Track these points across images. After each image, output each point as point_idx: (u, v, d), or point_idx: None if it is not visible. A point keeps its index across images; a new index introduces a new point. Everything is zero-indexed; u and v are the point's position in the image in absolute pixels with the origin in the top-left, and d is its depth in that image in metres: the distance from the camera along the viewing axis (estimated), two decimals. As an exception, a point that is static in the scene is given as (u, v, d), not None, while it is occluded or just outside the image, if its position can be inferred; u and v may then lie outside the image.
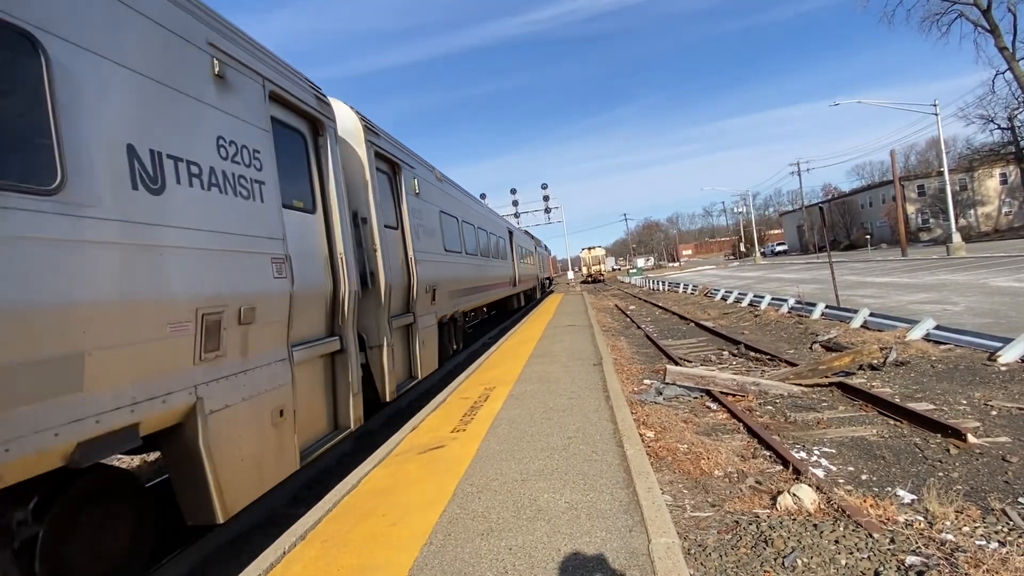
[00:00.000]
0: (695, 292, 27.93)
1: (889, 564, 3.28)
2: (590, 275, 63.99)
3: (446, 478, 4.54)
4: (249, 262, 4.27)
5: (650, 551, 3.08)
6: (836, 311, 13.62)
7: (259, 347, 4.36)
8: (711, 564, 3.44)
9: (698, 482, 4.98)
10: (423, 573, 3.10)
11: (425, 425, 6.35)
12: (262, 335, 4.39)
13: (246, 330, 4.18)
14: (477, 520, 3.71)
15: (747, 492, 4.72)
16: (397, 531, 3.66)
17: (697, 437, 6.09)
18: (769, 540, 3.62)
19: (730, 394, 7.70)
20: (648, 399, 7.84)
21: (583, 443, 5.05)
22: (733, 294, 21.67)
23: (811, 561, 3.37)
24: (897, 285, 19.85)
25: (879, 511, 4.03)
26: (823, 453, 5.57)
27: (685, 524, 4.14)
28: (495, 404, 6.92)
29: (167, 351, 3.43)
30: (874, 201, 64.48)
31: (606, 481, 4.13)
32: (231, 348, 4.01)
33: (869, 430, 6.02)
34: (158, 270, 3.38)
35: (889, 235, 56.44)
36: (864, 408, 6.78)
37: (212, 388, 3.80)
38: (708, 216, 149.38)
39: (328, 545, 3.56)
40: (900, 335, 10.04)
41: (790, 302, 15.99)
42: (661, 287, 36.79)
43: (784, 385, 7.82)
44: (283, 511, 5.17)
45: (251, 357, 4.26)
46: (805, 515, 4.04)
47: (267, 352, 4.47)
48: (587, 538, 3.30)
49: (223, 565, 4.22)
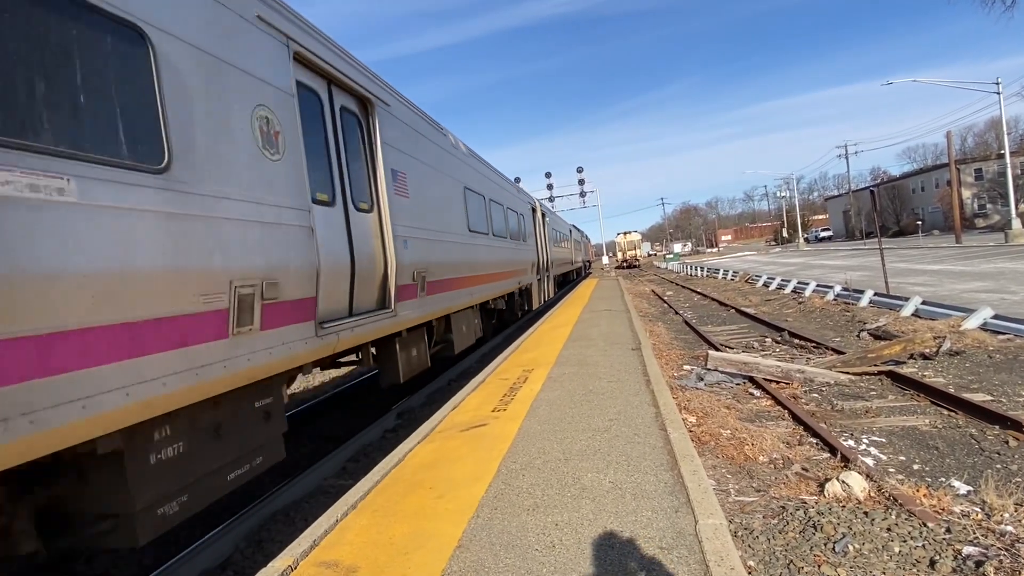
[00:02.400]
0: (735, 278, 27.35)
1: (945, 553, 3.20)
2: (625, 260, 63.29)
3: (489, 455, 4.62)
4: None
5: (697, 531, 3.08)
6: (885, 299, 13.16)
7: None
8: (759, 547, 3.42)
9: (742, 467, 4.94)
10: (473, 544, 3.18)
11: (465, 404, 6.45)
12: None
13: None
14: (522, 496, 3.77)
15: (793, 479, 4.66)
16: (444, 504, 3.75)
17: (740, 423, 6.03)
18: (818, 526, 3.57)
19: (774, 381, 7.56)
20: (689, 384, 7.77)
21: (625, 425, 5.06)
22: (776, 281, 21.15)
23: (863, 547, 3.31)
24: (951, 273, 19.03)
25: (933, 501, 3.92)
26: (872, 442, 5.44)
27: (730, 508, 4.12)
28: (534, 385, 6.97)
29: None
30: (926, 185, 61.60)
31: (650, 463, 4.13)
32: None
33: (921, 420, 5.84)
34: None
35: (942, 221, 53.93)
36: (916, 398, 6.57)
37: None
38: (749, 200, 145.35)
39: (378, 515, 3.69)
40: (955, 324, 9.64)
41: (836, 289, 15.52)
42: (699, 273, 36.16)
43: (830, 373, 7.63)
44: (332, 482, 5.36)
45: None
46: (855, 503, 3.97)
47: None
48: (633, 517, 3.32)
49: (278, 531, 4.41)
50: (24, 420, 2.34)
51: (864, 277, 19.39)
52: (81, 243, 2.64)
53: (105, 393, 2.70)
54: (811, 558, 3.26)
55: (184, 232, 3.24)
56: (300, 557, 3.20)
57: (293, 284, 4.19)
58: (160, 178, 3.12)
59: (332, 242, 5.05)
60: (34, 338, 2.41)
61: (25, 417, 2.35)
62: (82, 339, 2.60)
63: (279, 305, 4.04)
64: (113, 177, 2.85)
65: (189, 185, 3.32)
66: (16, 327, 2.34)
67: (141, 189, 3.00)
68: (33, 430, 2.38)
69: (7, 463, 2.32)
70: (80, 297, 2.60)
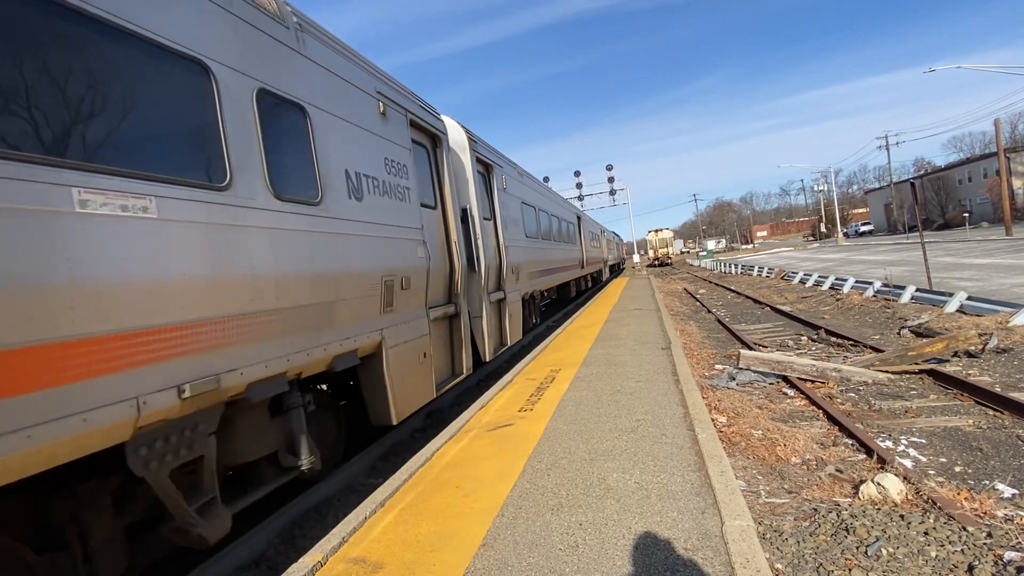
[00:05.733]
0: (771, 275, 26.74)
1: (985, 559, 3.08)
2: (656, 258, 62.50)
3: (515, 455, 4.65)
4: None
5: (724, 533, 3.04)
6: (928, 295, 12.69)
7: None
8: (788, 549, 3.35)
9: (773, 469, 4.84)
10: (497, 542, 3.21)
11: (493, 404, 6.49)
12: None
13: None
14: (547, 495, 3.78)
15: (826, 480, 4.54)
16: (470, 502, 3.80)
17: (772, 423, 5.91)
18: (851, 528, 3.48)
19: (809, 380, 7.38)
20: (720, 384, 7.65)
21: (652, 426, 5.02)
22: (812, 277, 20.60)
23: (897, 552, 3.22)
24: (1000, 267, 18.21)
25: (975, 504, 3.78)
26: (911, 443, 5.26)
27: (760, 510, 4.05)
28: (561, 386, 6.97)
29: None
30: (974, 176, 59.01)
31: (676, 464, 4.10)
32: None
33: (965, 420, 5.63)
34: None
35: (991, 213, 51.57)
36: (959, 397, 6.32)
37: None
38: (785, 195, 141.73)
39: (406, 512, 3.75)
40: (1002, 320, 9.23)
41: (876, 285, 15.02)
42: (733, 270, 35.46)
43: (868, 372, 7.41)
44: (362, 481, 5.46)
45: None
46: (891, 506, 3.85)
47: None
48: (658, 518, 3.30)
49: (311, 528, 4.53)
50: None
51: (906, 272, 18.72)
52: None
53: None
54: (842, 562, 3.18)
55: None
56: (329, 553, 3.28)
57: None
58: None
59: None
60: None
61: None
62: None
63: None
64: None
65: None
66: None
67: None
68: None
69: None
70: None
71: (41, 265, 2.40)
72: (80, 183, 2.61)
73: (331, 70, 4.95)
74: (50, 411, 2.38)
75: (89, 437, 2.55)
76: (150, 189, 2.95)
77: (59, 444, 2.42)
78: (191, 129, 3.43)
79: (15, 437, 2.24)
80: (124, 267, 2.75)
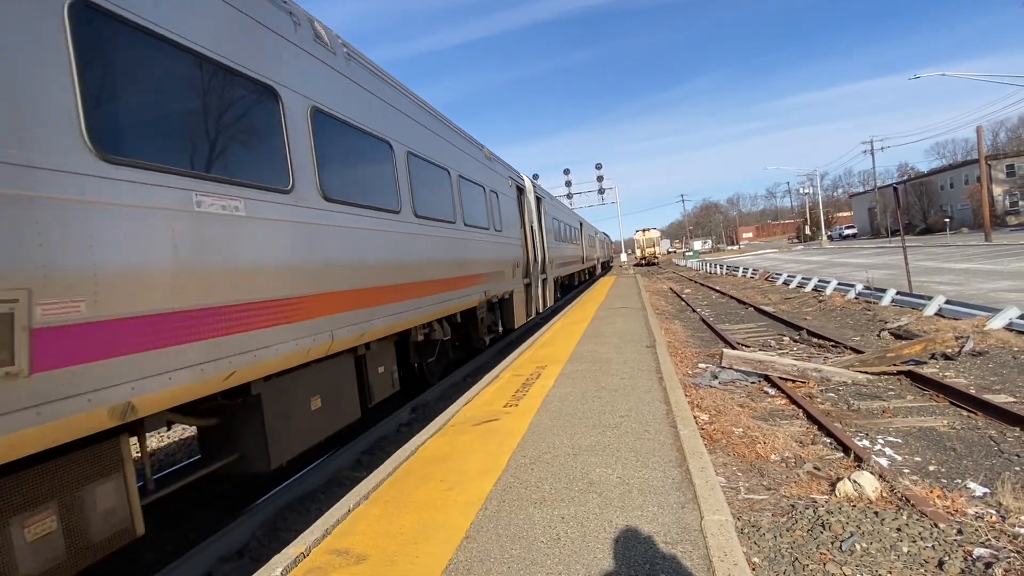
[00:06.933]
0: (755, 276, 27.04)
1: (955, 554, 3.18)
2: (643, 258, 62.88)
3: (500, 449, 4.68)
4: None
5: (702, 527, 3.10)
6: (908, 298, 12.92)
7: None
8: (765, 544, 3.42)
9: (753, 465, 4.93)
10: (480, 535, 3.24)
11: (479, 399, 6.52)
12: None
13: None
14: (530, 489, 3.82)
15: (804, 478, 4.63)
16: (454, 496, 3.82)
17: (753, 421, 6.00)
18: (826, 524, 3.56)
19: (790, 380, 7.50)
20: (703, 382, 7.74)
21: (635, 422, 5.08)
22: (796, 279, 20.87)
23: (870, 547, 3.30)
24: (978, 272, 18.58)
25: (947, 502, 3.88)
26: (888, 442, 5.38)
27: (739, 505, 4.13)
28: (547, 382, 7.01)
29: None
30: (955, 182, 60.04)
31: (658, 459, 4.15)
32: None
33: (940, 421, 5.76)
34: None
35: (971, 219, 52.53)
36: (935, 398, 6.47)
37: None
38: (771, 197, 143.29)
39: (390, 506, 3.77)
40: (979, 324, 9.44)
41: (857, 287, 15.27)
42: (719, 271, 35.79)
43: (848, 372, 7.54)
44: (346, 474, 5.47)
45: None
46: (866, 503, 3.94)
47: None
48: (639, 512, 3.35)
49: (294, 520, 4.53)
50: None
51: (888, 276, 19.03)
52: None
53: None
54: (817, 556, 3.25)
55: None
56: (312, 545, 3.29)
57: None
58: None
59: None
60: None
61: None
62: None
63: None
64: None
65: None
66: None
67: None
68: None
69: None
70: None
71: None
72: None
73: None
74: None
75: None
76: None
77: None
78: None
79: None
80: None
